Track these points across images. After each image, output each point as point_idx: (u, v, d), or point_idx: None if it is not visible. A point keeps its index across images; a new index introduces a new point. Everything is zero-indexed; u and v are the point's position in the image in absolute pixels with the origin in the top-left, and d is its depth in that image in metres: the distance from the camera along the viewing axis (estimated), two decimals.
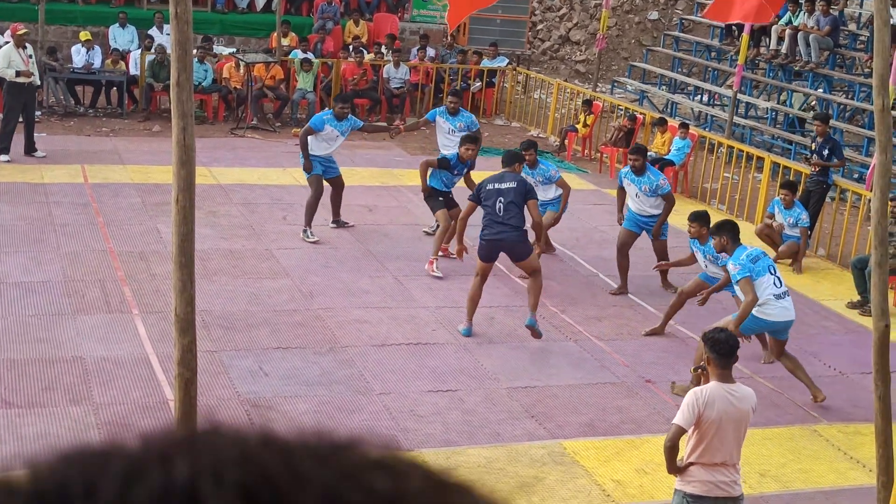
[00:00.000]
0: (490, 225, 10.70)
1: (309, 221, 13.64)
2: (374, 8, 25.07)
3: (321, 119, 13.48)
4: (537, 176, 12.95)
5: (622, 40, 29.12)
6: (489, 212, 10.71)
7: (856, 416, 9.96)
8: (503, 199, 10.65)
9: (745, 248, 9.93)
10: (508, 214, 10.63)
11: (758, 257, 9.87)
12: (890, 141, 6.01)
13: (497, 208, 10.65)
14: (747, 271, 9.69)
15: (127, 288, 11.54)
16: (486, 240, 10.76)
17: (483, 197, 10.82)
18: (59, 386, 9.18)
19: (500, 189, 10.73)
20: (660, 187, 12.41)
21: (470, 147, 12.80)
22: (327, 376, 9.85)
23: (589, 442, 9.05)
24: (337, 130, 13.44)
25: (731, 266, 9.81)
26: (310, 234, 13.58)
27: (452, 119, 14.18)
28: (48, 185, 15.07)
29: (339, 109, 13.49)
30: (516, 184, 10.81)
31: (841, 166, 15.60)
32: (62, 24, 22.57)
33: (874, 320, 6.14)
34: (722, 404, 6.45)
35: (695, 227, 11.02)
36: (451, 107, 14.23)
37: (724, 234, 10.05)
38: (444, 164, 12.92)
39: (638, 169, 12.42)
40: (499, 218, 10.63)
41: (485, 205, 10.77)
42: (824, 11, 20.98)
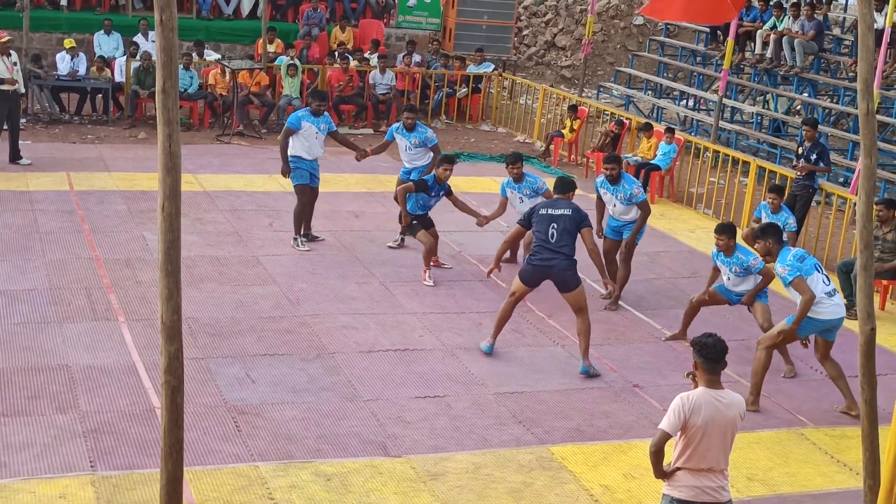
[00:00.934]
0: (540, 251, 10.37)
1: (298, 230, 13.60)
2: (359, 14, 25.07)
3: (297, 117, 13.37)
4: (524, 189, 12.83)
5: (608, 45, 29.17)
6: (541, 238, 10.38)
7: (843, 420, 9.99)
8: (556, 225, 10.36)
9: (789, 250, 9.88)
10: (561, 242, 10.32)
11: (804, 257, 9.82)
12: (874, 145, 6.02)
13: (549, 234, 10.33)
14: (797, 271, 9.64)
15: (113, 295, 11.51)
16: (534, 265, 10.42)
17: (535, 221, 10.51)
18: (44, 394, 9.15)
19: (554, 215, 10.42)
20: (634, 196, 12.35)
21: (447, 168, 12.68)
22: (315, 383, 9.83)
23: (577, 447, 9.05)
24: (315, 127, 13.34)
25: (780, 268, 9.73)
26: (300, 243, 13.53)
27: (408, 135, 13.97)
28: (33, 193, 15.02)
29: (315, 106, 13.40)
30: (571, 211, 10.48)
31: (827, 171, 15.65)
32: (47, 31, 22.49)
33: (860, 324, 6.14)
34: (709, 410, 6.43)
35: (723, 239, 10.89)
36: (408, 123, 13.96)
37: (770, 237, 9.97)
38: (422, 186, 12.71)
39: (614, 178, 12.37)
40: (550, 245, 10.31)
41: (536, 230, 10.46)
42: (809, 16, 21.06)
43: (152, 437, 8.42)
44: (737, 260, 10.90)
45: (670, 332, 11.79)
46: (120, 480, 7.87)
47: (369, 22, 24.87)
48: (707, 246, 15.10)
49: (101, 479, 7.87)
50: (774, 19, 21.79)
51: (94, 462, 8.10)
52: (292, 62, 20.84)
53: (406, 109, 14.30)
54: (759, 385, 10.02)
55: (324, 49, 23.21)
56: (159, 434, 5.70)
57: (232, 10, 24.33)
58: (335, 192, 16.42)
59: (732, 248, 10.92)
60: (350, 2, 25.02)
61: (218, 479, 8.03)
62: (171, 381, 5.49)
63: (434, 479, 8.28)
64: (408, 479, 8.25)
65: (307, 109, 13.50)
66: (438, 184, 12.75)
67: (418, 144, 13.98)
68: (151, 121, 20.02)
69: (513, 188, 12.93)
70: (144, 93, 19.85)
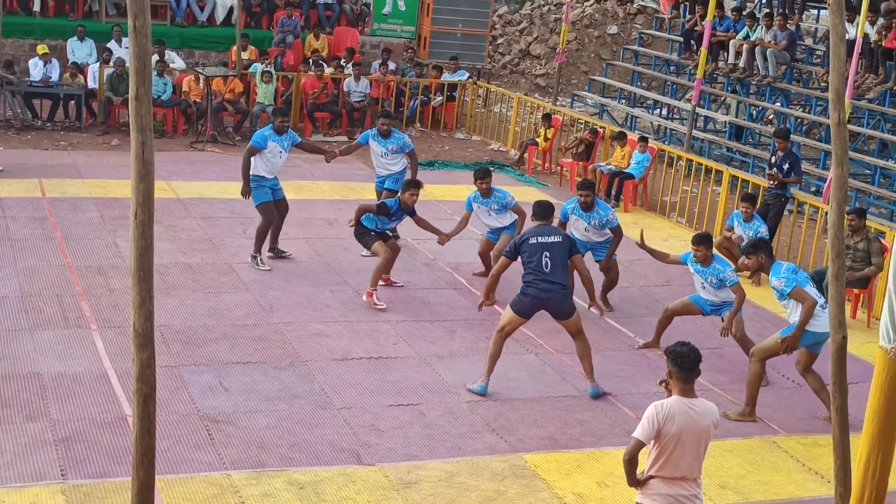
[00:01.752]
0: (536, 282, 10.03)
1: (259, 248, 13.11)
2: (334, 22, 25.08)
3: (263, 136, 12.92)
4: (493, 203, 12.73)
5: (582, 54, 29.28)
6: (534, 268, 10.03)
7: (814, 428, 10.04)
8: (549, 253, 10.06)
9: (780, 264, 9.88)
10: (556, 271, 10.05)
11: (796, 269, 9.84)
12: (846, 154, 6.05)
13: (543, 264, 10.02)
14: (794, 282, 9.65)
15: (85, 303, 11.45)
16: (530, 297, 10.07)
17: (525, 252, 10.16)
18: (15, 402, 9.08)
19: (546, 243, 10.11)
20: (610, 221, 12.32)
21: (414, 193, 12.20)
22: (287, 391, 9.81)
23: (550, 455, 9.06)
24: (279, 146, 12.95)
25: (776, 282, 9.70)
26: (260, 262, 13.04)
27: (384, 141, 13.82)
28: (5, 200, 14.93)
29: (279, 123, 12.97)
30: (562, 238, 10.28)
31: (798, 182, 15.74)
32: (19, 36, 22.39)
33: (832, 332, 6.17)
34: (682, 419, 6.45)
35: (701, 250, 10.90)
36: (383, 129, 13.80)
37: (762, 252, 9.97)
38: (384, 210, 12.20)
39: (587, 205, 12.31)
40: (545, 275, 10.00)
41: (528, 260, 10.11)
42: (781, 26, 21.20)
43: (124, 445, 8.37)
44: (713, 271, 10.92)
45: (644, 340, 11.82)
46: (91, 489, 7.82)
47: (344, 30, 24.88)
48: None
49: (72, 487, 7.82)
50: (747, 29, 21.93)
51: (64, 470, 8.05)
52: (267, 69, 20.80)
53: (381, 115, 14.15)
54: (755, 397, 10.02)
55: (298, 56, 23.19)
56: (131, 442, 5.66)
57: (206, 16, 24.29)
58: (309, 199, 16.40)
59: (710, 259, 10.96)
60: (325, 9, 25.03)
61: (190, 487, 7.99)
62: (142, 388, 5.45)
63: (407, 488, 8.27)
64: (381, 488, 8.24)
65: (270, 127, 13.05)
66: (402, 208, 12.25)
67: (395, 150, 13.88)
68: (124, 127, 19.95)
69: (480, 202, 12.80)
70: (118, 99, 19.77)
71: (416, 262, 13.82)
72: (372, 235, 12.32)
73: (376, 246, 12.24)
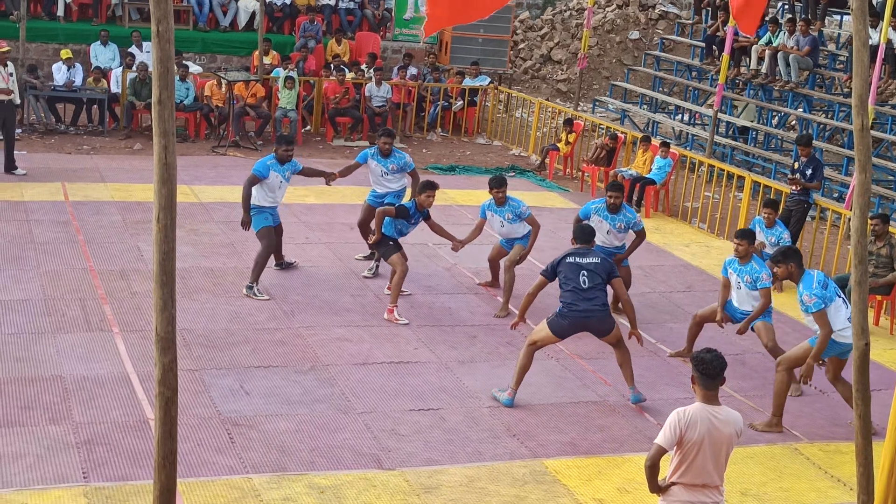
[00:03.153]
0: (576, 302, 9.92)
1: (257, 277, 12.36)
2: (356, 27, 25.13)
3: (265, 165, 12.50)
4: (506, 213, 12.54)
5: (603, 60, 29.23)
6: (573, 287, 9.99)
7: (837, 435, 9.99)
8: (586, 273, 10.01)
9: (811, 275, 9.69)
10: (595, 291, 10.01)
11: (826, 282, 9.66)
12: (869, 160, 6.03)
13: (581, 281, 9.99)
14: (822, 302, 9.48)
15: (107, 306, 11.49)
16: (571, 317, 9.99)
17: (563, 272, 10.12)
18: (38, 405, 9.13)
19: (582, 264, 10.07)
20: (636, 223, 12.32)
21: (430, 195, 12.07)
22: (309, 395, 9.83)
23: (571, 461, 9.04)
24: (281, 176, 12.57)
25: (807, 297, 9.54)
26: (256, 292, 12.25)
27: (384, 161, 13.36)
28: (28, 203, 15.01)
29: (282, 152, 12.56)
30: (600, 260, 10.19)
31: (818, 188, 15.67)
32: (43, 41, 22.53)
33: (854, 339, 6.16)
34: (704, 426, 6.42)
35: (744, 244, 10.81)
36: (385, 148, 13.32)
37: (791, 261, 9.80)
38: (403, 213, 12.11)
39: (615, 207, 12.29)
40: (585, 294, 9.95)
41: (566, 279, 10.06)
42: (804, 32, 21.12)
43: (146, 448, 8.40)
44: (750, 269, 10.83)
45: (664, 345, 11.80)
46: (113, 492, 7.85)
47: (366, 35, 24.93)
48: (701, 260, 15.14)
49: (94, 490, 7.85)
50: (770, 35, 21.86)
51: (87, 473, 8.08)
52: (290, 75, 20.86)
53: (383, 134, 13.58)
54: (782, 406, 9.92)
55: (320, 61, 23.25)
56: (153, 445, 5.69)
57: (228, 21, 24.38)
58: (330, 203, 16.42)
59: (750, 256, 10.88)
60: (347, 14, 25.09)
61: (211, 490, 8.01)
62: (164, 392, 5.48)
63: (428, 493, 8.27)
64: (401, 492, 8.24)
65: (273, 156, 12.61)
66: (419, 210, 12.20)
67: (396, 170, 13.43)
68: (147, 132, 20.04)
69: (494, 211, 12.61)
70: (140, 104, 19.85)
71: (437, 267, 13.82)
72: (390, 245, 12.18)
73: (395, 258, 12.06)
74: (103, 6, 23.64)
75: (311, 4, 24.71)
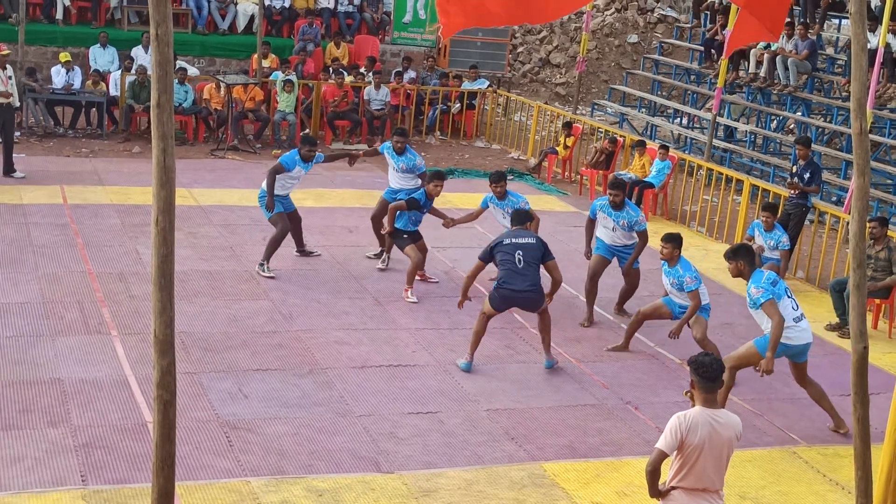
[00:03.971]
0: (510, 279, 10.56)
1: (269, 256, 13.10)
2: (354, 30, 25.14)
3: (293, 159, 13.11)
4: (506, 207, 12.70)
5: (602, 63, 29.27)
6: (509, 266, 10.57)
7: (835, 439, 9.99)
8: (521, 253, 10.57)
9: (761, 272, 9.81)
10: (529, 271, 10.56)
11: (776, 280, 9.75)
12: (868, 164, 6.04)
13: (517, 260, 10.56)
14: (770, 294, 9.57)
15: (106, 309, 11.49)
16: (503, 293, 10.61)
17: (500, 252, 10.66)
18: (36, 408, 9.12)
19: (519, 244, 10.65)
20: (638, 224, 12.37)
21: (438, 184, 12.84)
22: (307, 398, 9.82)
23: (569, 464, 9.04)
24: (304, 171, 13.28)
25: (754, 290, 9.64)
26: (266, 269, 13.02)
27: (397, 158, 13.88)
28: (27, 206, 15.01)
29: (306, 152, 13.18)
30: (535, 241, 10.74)
31: (816, 192, 15.67)
32: (42, 44, 22.51)
33: (853, 342, 6.15)
34: (705, 430, 6.41)
35: (668, 248, 11.03)
36: (397, 146, 13.84)
37: (741, 258, 9.88)
38: (414, 204, 12.80)
39: (617, 204, 12.37)
40: (519, 272, 10.54)
41: (503, 259, 10.62)
42: (802, 36, 21.14)
43: (144, 451, 8.40)
44: (675, 273, 10.98)
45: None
46: (111, 495, 7.84)
47: (364, 38, 24.94)
48: (699, 263, 15.11)
49: (92, 493, 7.85)
50: (775, 42, 21.85)
51: (85, 476, 8.07)
52: (289, 78, 20.87)
53: (396, 133, 14.14)
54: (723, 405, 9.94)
55: (319, 65, 23.26)
56: (151, 448, 5.69)
57: (227, 24, 24.38)
58: (329, 207, 16.42)
59: (676, 259, 11.00)
60: (345, 18, 25.10)
61: (209, 493, 8.01)
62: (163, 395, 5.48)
63: (426, 496, 8.26)
64: (400, 496, 8.24)
65: (297, 152, 13.22)
66: (429, 199, 12.90)
67: (405, 170, 13.84)
68: (146, 135, 20.05)
69: (496, 204, 12.95)
70: (139, 107, 19.85)
71: (435, 270, 13.82)
72: (405, 238, 12.87)
73: (408, 249, 12.79)
74: (102, 9, 23.63)
75: (310, 8, 24.72)
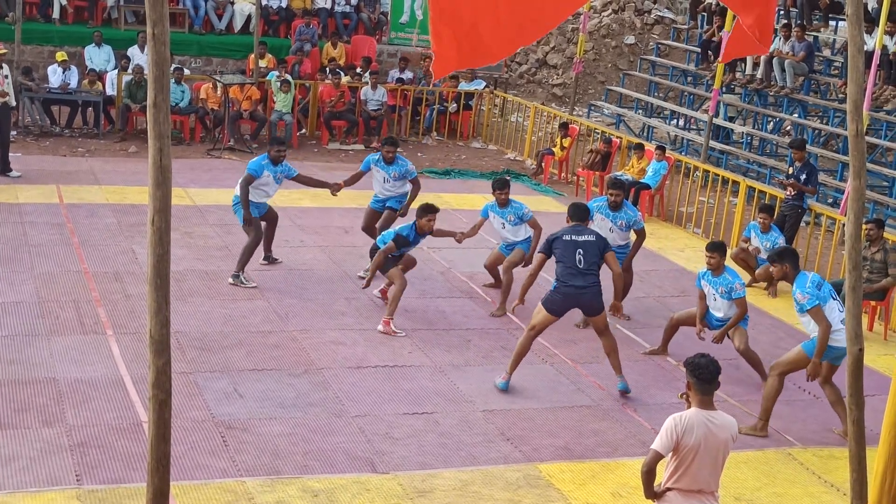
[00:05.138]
0: (571, 278, 10.21)
1: (243, 266, 12.71)
2: (351, 30, 25.14)
3: (259, 165, 12.70)
4: (509, 214, 12.68)
5: (599, 64, 29.26)
6: (569, 265, 10.25)
7: (830, 441, 9.99)
8: (582, 251, 10.28)
9: (806, 275, 9.71)
10: (590, 270, 10.28)
11: (821, 283, 9.67)
12: (864, 166, 6.03)
13: (577, 260, 10.24)
14: (816, 299, 9.50)
15: (101, 309, 11.48)
16: (565, 293, 10.26)
17: (559, 249, 10.37)
18: (31, 407, 9.11)
19: (579, 241, 10.33)
20: (637, 222, 12.36)
21: (431, 218, 11.88)
22: (302, 398, 9.82)
23: (564, 465, 9.04)
24: (272, 175, 12.77)
25: (800, 295, 9.56)
26: (243, 280, 12.66)
27: (387, 167, 13.51)
28: (23, 205, 15.00)
29: (274, 153, 12.76)
30: (595, 238, 10.48)
31: (813, 193, 15.68)
32: (38, 43, 22.50)
33: (848, 344, 6.15)
34: (701, 431, 6.41)
35: (715, 257, 10.88)
36: (388, 156, 13.49)
37: (787, 261, 9.83)
38: (403, 243, 11.93)
39: (616, 205, 12.35)
40: (580, 271, 10.23)
41: (563, 256, 10.31)
42: (799, 37, 21.15)
43: (139, 451, 8.39)
44: (724, 281, 10.90)
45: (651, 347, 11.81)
46: (106, 494, 7.84)
47: (361, 38, 24.94)
48: (696, 265, 15.13)
49: (87, 493, 7.84)
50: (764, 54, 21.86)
51: (80, 476, 8.07)
52: (285, 78, 20.86)
53: (386, 143, 13.72)
54: (770, 410, 9.90)
55: (315, 65, 23.26)
56: (146, 448, 5.67)
57: (224, 24, 24.38)
58: (326, 207, 16.42)
59: (722, 268, 10.93)
60: (342, 18, 25.10)
61: (205, 493, 8.00)
62: (158, 395, 5.46)
63: (421, 496, 8.26)
64: (395, 496, 8.23)
65: (266, 156, 12.82)
66: (420, 234, 12.02)
67: (398, 177, 13.55)
68: (142, 134, 20.03)
69: (496, 212, 12.77)
70: (136, 106, 19.84)
71: (431, 270, 13.82)
72: (389, 259, 11.96)
73: (393, 271, 11.89)
74: (99, 9, 23.64)
75: (307, 8, 24.72)
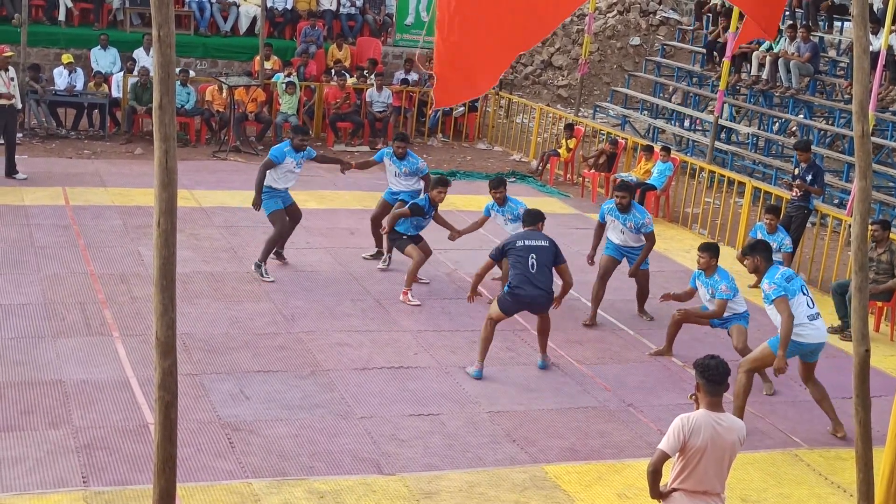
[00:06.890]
0: (523, 284, 10.42)
1: (266, 257, 13.08)
2: (356, 32, 25.15)
3: (282, 151, 13.00)
4: (507, 213, 12.88)
5: (604, 65, 29.24)
6: (521, 269, 10.44)
7: (837, 442, 9.98)
8: (535, 255, 10.47)
9: (777, 268, 9.80)
10: (542, 275, 10.47)
11: (791, 277, 9.75)
12: (870, 167, 6.03)
13: (530, 265, 10.43)
14: (782, 290, 9.56)
15: (108, 311, 11.49)
16: (516, 297, 10.48)
17: (513, 254, 10.56)
18: (38, 409, 9.12)
19: (532, 246, 10.53)
20: (645, 226, 12.37)
21: (442, 190, 12.78)
22: (308, 400, 9.82)
23: (571, 466, 9.03)
24: (294, 161, 13.05)
25: (766, 286, 9.63)
26: (264, 272, 12.95)
27: (399, 163, 13.85)
28: (29, 208, 15.02)
29: (298, 141, 13.08)
30: (548, 243, 10.64)
31: (820, 194, 15.67)
32: (44, 46, 22.54)
33: (854, 345, 6.15)
34: (708, 432, 6.40)
35: (705, 257, 10.91)
36: (399, 152, 13.80)
37: (758, 254, 9.87)
38: (418, 211, 12.72)
39: (624, 207, 12.37)
40: (532, 277, 10.41)
41: (516, 262, 10.50)
42: (805, 38, 21.13)
43: (145, 452, 8.39)
44: (713, 282, 10.94)
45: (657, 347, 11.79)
46: (112, 496, 7.84)
47: (367, 40, 24.95)
48: None
49: (93, 494, 7.84)
50: (770, 41, 21.86)
51: (86, 477, 8.07)
52: (291, 80, 20.87)
53: (397, 138, 14.07)
54: (742, 408, 9.90)
55: (321, 66, 23.27)
56: (152, 450, 5.68)
57: (230, 26, 24.40)
58: (331, 209, 16.42)
59: (713, 269, 10.95)
60: (347, 20, 25.11)
61: (211, 495, 8.01)
62: (164, 396, 5.47)
63: (428, 498, 8.26)
64: (401, 498, 8.23)
65: (289, 143, 13.13)
66: (433, 206, 12.86)
67: (408, 173, 13.87)
68: (148, 136, 20.05)
69: (497, 211, 13.06)
70: (141, 108, 19.86)
71: (437, 271, 13.82)
72: (404, 239, 12.81)
73: (409, 249, 12.76)
74: (105, 11, 23.66)
75: (313, 10, 24.73)
